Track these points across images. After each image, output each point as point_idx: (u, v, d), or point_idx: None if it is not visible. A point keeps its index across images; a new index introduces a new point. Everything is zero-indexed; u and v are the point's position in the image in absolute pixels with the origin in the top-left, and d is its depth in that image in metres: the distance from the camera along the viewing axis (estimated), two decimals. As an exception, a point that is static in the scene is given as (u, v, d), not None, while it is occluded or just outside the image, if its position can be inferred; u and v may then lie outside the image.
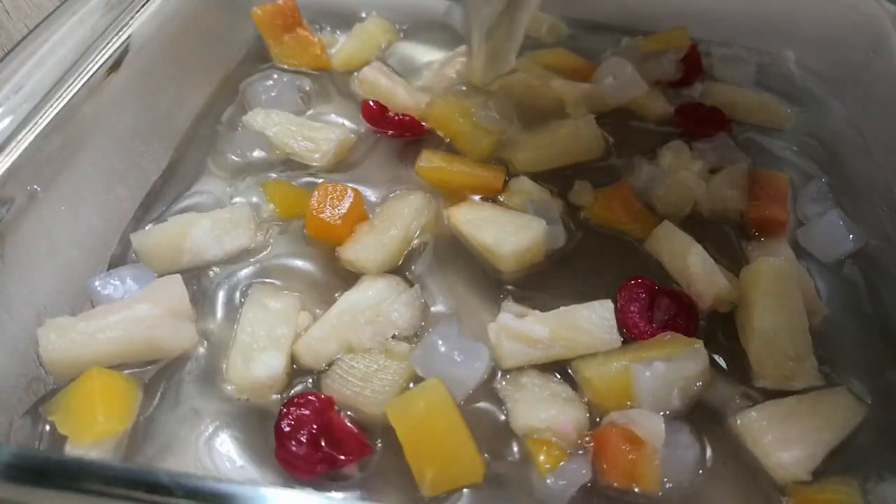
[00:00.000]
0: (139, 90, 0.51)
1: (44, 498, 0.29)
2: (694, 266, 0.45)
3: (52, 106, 0.43)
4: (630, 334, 0.43)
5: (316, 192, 0.47)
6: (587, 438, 0.38)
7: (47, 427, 0.38)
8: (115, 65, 0.49)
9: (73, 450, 0.36)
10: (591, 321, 0.41)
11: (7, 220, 0.40)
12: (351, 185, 0.48)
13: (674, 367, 0.40)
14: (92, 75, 0.46)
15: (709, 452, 0.39)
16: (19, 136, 0.41)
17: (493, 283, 0.46)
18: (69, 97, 0.44)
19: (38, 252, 0.42)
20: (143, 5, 0.52)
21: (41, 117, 0.42)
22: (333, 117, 0.57)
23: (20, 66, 0.43)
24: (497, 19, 0.52)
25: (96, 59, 0.47)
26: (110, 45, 0.49)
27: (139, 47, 0.51)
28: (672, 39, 0.63)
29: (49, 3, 0.57)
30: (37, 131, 0.42)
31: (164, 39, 0.54)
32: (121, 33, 0.50)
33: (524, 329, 0.41)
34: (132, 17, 0.51)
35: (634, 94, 0.58)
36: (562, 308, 0.42)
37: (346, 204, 0.47)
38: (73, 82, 0.45)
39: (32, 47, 0.44)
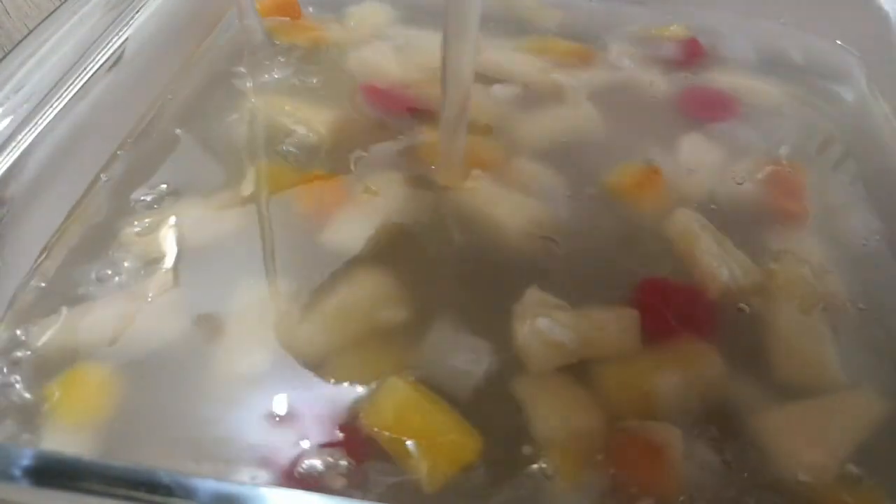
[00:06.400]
0: (139, 89, 0.51)
1: (44, 498, 0.28)
2: (713, 257, 0.45)
3: (52, 106, 0.43)
4: (648, 339, 0.42)
5: (309, 185, 0.48)
6: (605, 446, 0.38)
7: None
8: (115, 65, 0.49)
9: (52, 438, 0.36)
10: (616, 329, 0.41)
11: (7, 221, 0.40)
12: (344, 165, 0.49)
13: (692, 373, 0.40)
14: (92, 75, 0.46)
15: (729, 456, 0.38)
16: (19, 136, 0.41)
17: (497, 266, 0.45)
18: (69, 97, 0.44)
19: (37, 252, 0.42)
20: (144, 5, 0.52)
21: (41, 117, 0.42)
22: (332, 99, 0.57)
23: (20, 66, 0.43)
24: None
25: (96, 59, 0.47)
26: (110, 45, 0.49)
27: (139, 46, 0.51)
28: (670, 36, 0.64)
29: (49, 3, 0.58)
30: (37, 131, 0.42)
31: (165, 37, 0.54)
32: (121, 33, 0.50)
33: (556, 335, 0.41)
34: (132, 17, 0.51)
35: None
36: (587, 312, 0.42)
37: (340, 191, 0.47)
38: (73, 82, 0.45)
39: (32, 47, 0.44)
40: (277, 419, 0.38)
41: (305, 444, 0.37)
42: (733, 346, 0.42)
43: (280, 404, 0.38)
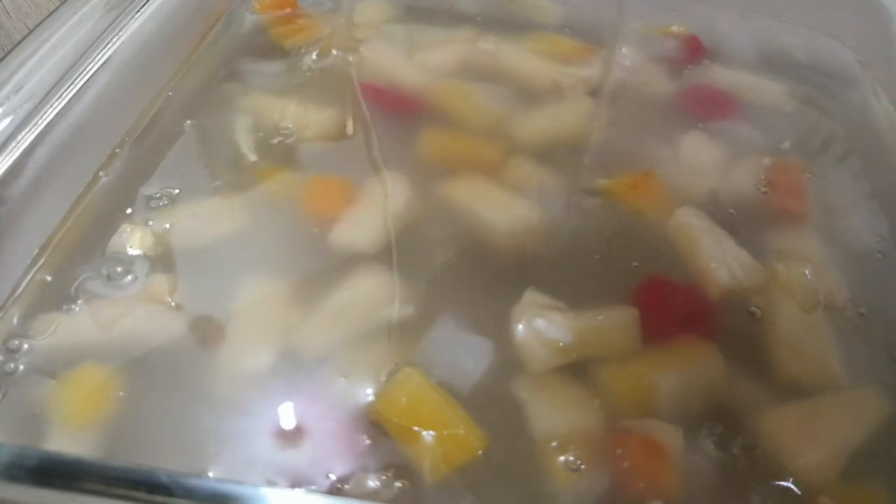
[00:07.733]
0: (139, 88, 0.51)
1: (44, 498, 0.28)
2: (713, 256, 0.44)
3: (52, 106, 0.43)
4: (649, 338, 0.42)
5: (309, 183, 0.48)
6: (605, 445, 0.38)
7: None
8: (114, 65, 0.49)
9: (54, 439, 0.36)
10: (614, 328, 0.41)
11: (7, 220, 0.40)
12: (344, 164, 0.49)
13: (693, 372, 0.39)
14: (92, 75, 0.46)
15: (730, 455, 0.38)
16: (19, 136, 0.41)
17: (498, 266, 0.45)
18: (69, 97, 0.44)
19: (37, 251, 0.42)
20: (144, 5, 0.52)
21: (41, 117, 0.42)
22: (331, 97, 0.57)
23: (20, 66, 0.43)
24: None
25: (96, 59, 0.47)
26: (110, 45, 0.49)
27: (139, 46, 0.51)
28: (671, 34, 0.64)
29: (49, 3, 0.58)
30: (37, 131, 0.42)
31: (164, 37, 0.54)
32: (121, 33, 0.50)
33: (552, 336, 0.41)
34: (132, 17, 0.51)
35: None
36: (586, 311, 0.42)
37: (340, 190, 0.48)
38: (73, 82, 0.45)
39: (32, 47, 0.44)
40: (279, 417, 0.38)
41: (307, 442, 0.37)
42: (734, 344, 0.42)
43: (282, 402, 0.38)
